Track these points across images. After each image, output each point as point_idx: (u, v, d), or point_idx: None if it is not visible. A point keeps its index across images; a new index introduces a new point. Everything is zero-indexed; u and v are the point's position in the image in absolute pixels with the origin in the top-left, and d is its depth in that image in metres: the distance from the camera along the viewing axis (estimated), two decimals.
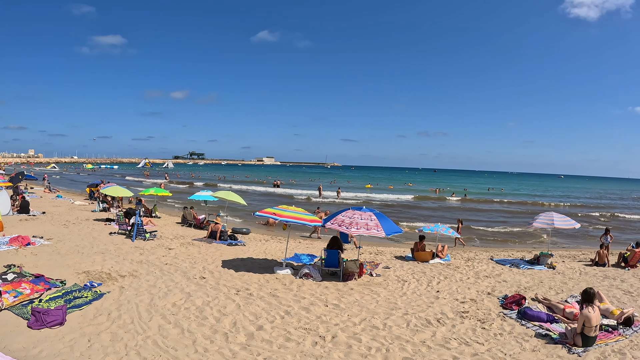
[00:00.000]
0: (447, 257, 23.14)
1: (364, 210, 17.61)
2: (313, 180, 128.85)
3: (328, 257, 17.84)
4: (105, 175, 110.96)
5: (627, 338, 11.86)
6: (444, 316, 13.08)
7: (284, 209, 18.19)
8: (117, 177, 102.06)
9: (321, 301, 14.02)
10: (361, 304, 14.01)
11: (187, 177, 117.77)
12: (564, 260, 24.71)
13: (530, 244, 33.33)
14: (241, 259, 20.08)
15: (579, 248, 31.90)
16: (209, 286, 14.89)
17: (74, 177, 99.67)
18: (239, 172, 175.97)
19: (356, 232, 16.39)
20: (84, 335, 9.97)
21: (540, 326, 12.50)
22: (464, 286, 17.17)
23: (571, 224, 24.33)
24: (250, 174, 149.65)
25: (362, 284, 16.63)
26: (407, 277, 18.43)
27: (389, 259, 22.73)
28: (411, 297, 15.12)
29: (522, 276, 19.88)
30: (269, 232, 31.59)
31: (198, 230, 29.17)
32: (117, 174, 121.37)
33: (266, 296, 14.18)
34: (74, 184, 76.94)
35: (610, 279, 20.19)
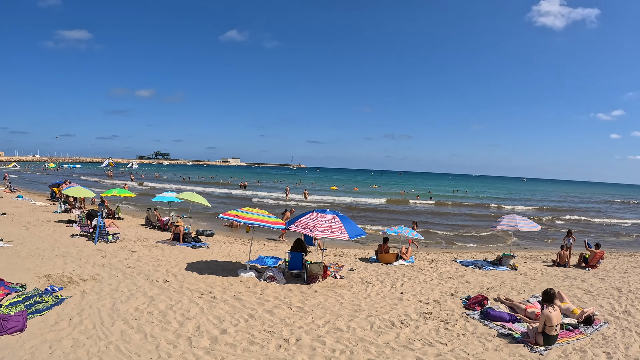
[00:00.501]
0: (411, 258, 23.30)
1: (327, 212, 17.66)
2: (278, 181, 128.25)
3: (292, 260, 17.81)
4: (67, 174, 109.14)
5: (587, 336, 12.16)
6: (407, 317, 13.18)
7: (248, 211, 18.08)
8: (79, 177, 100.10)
9: (285, 304, 14.00)
10: (325, 306, 14.03)
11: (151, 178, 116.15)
12: (526, 261, 25.09)
13: (494, 245, 33.72)
14: (205, 262, 19.90)
15: (541, 249, 32.41)
16: (172, 289, 14.73)
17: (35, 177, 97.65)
18: (204, 172, 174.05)
19: (320, 235, 16.44)
20: (45, 341, 9.81)
21: (502, 326, 12.69)
22: (428, 287, 17.31)
23: (533, 226, 24.82)
24: (216, 175, 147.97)
25: (326, 287, 16.65)
26: (371, 279, 18.50)
27: (353, 261, 22.80)
28: (375, 299, 15.19)
29: (485, 277, 20.14)
30: (233, 234, 31.39)
31: (162, 232, 28.82)
32: (79, 174, 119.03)
33: (230, 299, 14.09)
34: (35, 184, 75.34)
35: (571, 279, 20.58)
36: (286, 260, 18.14)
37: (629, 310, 15.08)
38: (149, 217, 31.71)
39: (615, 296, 17.14)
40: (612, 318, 14.08)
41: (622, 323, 13.56)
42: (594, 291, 17.94)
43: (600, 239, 37.93)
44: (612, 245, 37.94)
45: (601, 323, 13.40)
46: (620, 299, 16.63)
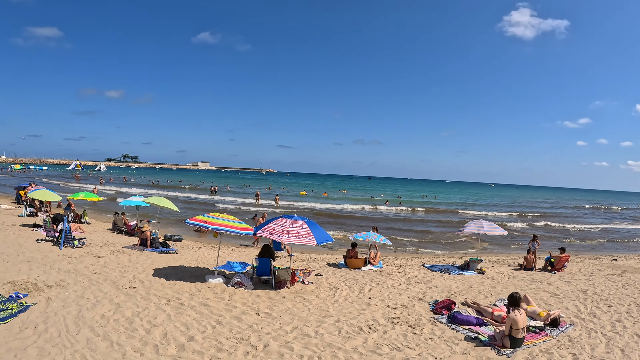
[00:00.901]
0: (379, 263, 23.38)
1: (295, 218, 17.60)
2: (248, 186, 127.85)
3: (260, 265, 17.72)
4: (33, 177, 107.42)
5: (554, 338, 12.34)
6: (375, 322, 13.18)
7: (215, 217, 17.97)
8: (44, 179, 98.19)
9: (253, 310, 13.90)
10: (293, 312, 13.97)
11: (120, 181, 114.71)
12: (493, 265, 25.36)
13: (462, 250, 34.00)
14: (172, 267, 19.70)
15: (508, 253, 32.78)
16: (139, 296, 14.51)
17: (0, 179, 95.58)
18: (174, 176, 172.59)
19: (287, 241, 16.39)
20: (10, 350, 9.62)
21: (469, 329, 12.78)
22: (396, 292, 17.36)
23: (500, 230, 25.13)
24: (185, 179, 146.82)
25: (294, 292, 16.60)
26: (339, 284, 18.51)
27: (322, 266, 22.81)
28: (343, 304, 15.18)
29: (453, 281, 20.28)
30: (201, 240, 31.17)
31: (129, 237, 28.51)
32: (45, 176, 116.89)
33: (197, 306, 13.94)
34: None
35: (538, 282, 20.85)
36: (254, 266, 18.06)
37: (594, 312, 15.31)
38: (116, 222, 31.34)
39: (581, 298, 17.38)
40: (578, 320, 14.27)
41: (587, 324, 13.76)
42: (559, 294, 18.18)
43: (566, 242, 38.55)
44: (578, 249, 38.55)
45: (567, 325, 13.56)
46: (586, 301, 16.88)
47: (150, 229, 25.44)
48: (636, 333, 12.99)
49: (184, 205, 55.92)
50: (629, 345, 11.87)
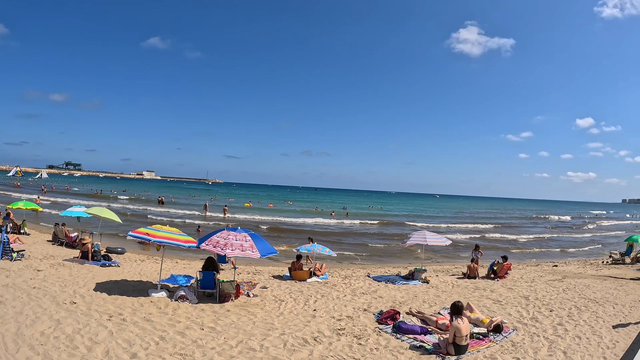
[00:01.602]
0: (324, 275, 23.30)
1: (239, 230, 17.36)
2: (194, 196, 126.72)
3: (204, 279, 17.37)
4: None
5: (497, 344, 12.50)
6: (320, 334, 13.05)
7: (158, 229, 17.54)
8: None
9: (197, 324, 13.58)
10: (238, 325, 13.71)
11: (62, 190, 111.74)
12: (438, 275, 25.59)
13: (406, 260, 34.23)
14: (115, 281, 19.10)
15: (452, 263, 33.21)
16: (80, 312, 13.97)
17: None
18: (118, 185, 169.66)
19: (231, 254, 16.14)
20: None
21: (414, 338, 12.80)
22: (341, 304, 17.30)
23: (442, 240, 25.37)
24: (129, 189, 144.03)
25: (239, 305, 16.33)
26: (284, 296, 18.34)
27: (267, 278, 22.58)
28: (288, 317, 15.01)
29: (398, 291, 20.33)
30: (145, 252, 30.54)
31: (70, 250, 27.52)
32: None
33: (140, 321, 13.51)
34: None
35: (481, 289, 21.12)
36: (198, 279, 17.72)
37: (536, 316, 15.62)
38: (56, 233, 30.29)
39: (523, 304, 17.71)
40: (521, 325, 14.52)
41: (530, 329, 14.02)
42: (502, 300, 18.46)
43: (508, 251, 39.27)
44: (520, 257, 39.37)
45: (510, 330, 13.78)
46: (528, 307, 17.21)
47: (91, 241, 24.74)
48: (577, 335, 13.33)
49: (128, 216, 54.82)
50: (570, 347, 12.17)
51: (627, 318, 15.71)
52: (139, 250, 31.33)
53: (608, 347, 12.30)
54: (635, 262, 33.08)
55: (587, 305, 17.52)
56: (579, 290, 20.90)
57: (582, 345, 12.38)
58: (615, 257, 35.36)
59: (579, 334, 13.50)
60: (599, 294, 20.15)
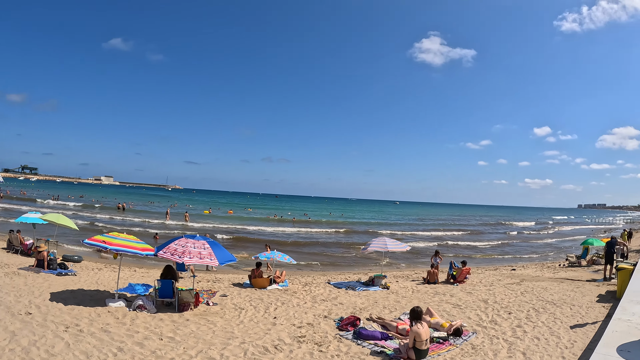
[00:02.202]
0: (284, 282, 23.16)
1: (197, 238, 17.14)
2: (153, 203, 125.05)
3: (162, 287, 17.07)
4: None
5: (457, 347, 12.62)
6: (281, 342, 12.93)
7: (115, 236, 17.19)
8: None
9: (156, 335, 13.29)
10: (197, 335, 13.48)
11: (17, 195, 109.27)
12: (398, 280, 25.67)
13: (366, 266, 34.30)
14: (71, 291, 18.57)
15: (412, 268, 33.38)
16: (36, 323, 13.50)
17: None
18: (75, 191, 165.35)
19: (189, 262, 15.94)
20: None
21: (375, 344, 12.79)
22: (301, 311, 17.20)
23: (402, 246, 25.57)
24: (87, 194, 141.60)
25: (199, 314, 16.08)
26: (244, 304, 18.13)
27: (227, 286, 22.33)
28: (248, 325, 14.83)
29: (358, 298, 20.32)
30: (102, 260, 29.88)
31: (25, 258, 26.76)
32: None
33: (97, 332, 13.13)
34: None
35: (441, 294, 21.25)
36: (156, 288, 17.40)
37: (495, 319, 15.80)
38: (11, 240, 29.46)
39: (482, 307, 17.91)
40: (480, 328, 14.68)
41: (489, 332, 14.19)
42: (462, 304, 18.60)
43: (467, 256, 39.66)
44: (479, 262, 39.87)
45: (470, 333, 13.90)
46: (487, 310, 17.41)
47: (47, 249, 24.16)
48: (536, 336, 13.56)
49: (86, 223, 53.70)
50: (529, 348, 12.37)
51: (584, 318, 16.00)
52: (96, 258, 30.68)
53: (566, 347, 12.50)
54: (591, 264, 33.78)
55: (545, 307, 17.79)
56: (537, 293, 21.20)
57: (541, 346, 12.57)
58: (571, 260, 36.17)
59: (537, 335, 13.71)
60: (556, 295, 20.47)
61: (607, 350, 8.62)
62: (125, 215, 75.47)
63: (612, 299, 19.38)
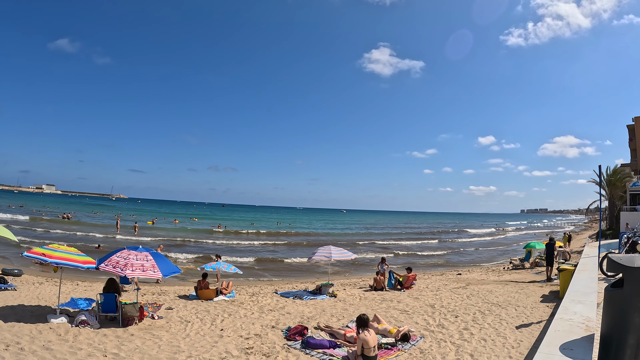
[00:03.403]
0: (231, 293, 22.93)
1: (140, 250, 16.81)
2: (97, 213, 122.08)
3: (105, 302, 16.61)
4: None
5: (405, 352, 12.68)
6: (228, 355, 12.77)
7: (55, 249, 16.64)
8: None
9: (99, 351, 12.86)
10: (142, 350, 13.15)
11: None
12: (345, 288, 25.72)
13: (313, 275, 34.30)
14: (11, 307, 17.81)
15: (359, 276, 33.54)
16: None
17: None
18: (15, 200, 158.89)
19: (131, 274, 15.61)
20: None
21: (323, 353, 12.77)
22: (249, 322, 17.02)
23: (348, 255, 25.79)
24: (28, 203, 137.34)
25: (144, 329, 15.70)
26: (190, 317, 17.82)
27: (172, 298, 21.94)
28: (195, 338, 14.58)
29: (306, 307, 20.26)
30: (44, 274, 28.84)
31: None
32: None
33: (39, 350, 12.61)
34: None
35: (388, 301, 21.37)
36: (99, 303, 16.94)
37: (442, 323, 15.99)
38: None
39: (429, 312, 18.09)
40: (428, 332, 14.81)
41: (437, 335, 14.33)
42: (409, 310, 18.74)
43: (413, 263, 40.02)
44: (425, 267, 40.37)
45: (418, 338, 14.01)
46: (434, 314, 17.60)
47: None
48: (483, 338, 13.79)
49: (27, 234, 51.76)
50: (477, 349, 12.57)
51: (529, 318, 16.37)
52: (37, 272, 29.64)
53: (513, 347, 12.74)
54: (534, 266, 34.56)
55: (490, 309, 18.07)
56: (482, 296, 21.54)
57: (488, 347, 12.77)
58: (515, 263, 37.04)
59: (484, 336, 13.92)
60: (501, 297, 20.84)
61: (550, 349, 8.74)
62: (67, 225, 72.98)
63: (555, 299, 19.83)
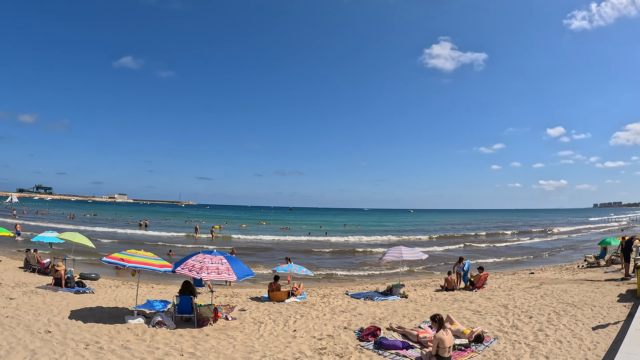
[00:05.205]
0: (303, 295, 23.13)
1: (214, 253, 17.14)
2: (168, 219, 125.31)
3: (180, 303, 17.06)
4: None
5: (479, 353, 12.52)
6: (302, 355, 12.90)
7: (133, 254, 17.24)
8: None
9: (176, 350, 13.26)
10: (218, 350, 13.46)
11: (33, 214, 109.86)
12: (416, 289, 25.56)
13: (384, 276, 34.18)
14: (90, 309, 18.59)
15: (430, 276, 33.22)
16: (56, 341, 13.48)
17: None
18: (90, 209, 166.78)
19: (207, 277, 15.93)
20: None
21: (396, 354, 12.74)
22: (321, 323, 17.16)
23: (419, 255, 25.46)
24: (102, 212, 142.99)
25: (218, 329, 16.08)
26: (263, 318, 18.13)
27: (245, 300, 22.32)
28: (268, 339, 14.81)
29: (377, 308, 20.25)
30: (119, 277, 29.94)
31: (43, 276, 26.97)
32: None
33: (118, 349, 13.12)
34: None
35: (460, 301, 21.13)
36: (175, 304, 17.41)
37: (516, 324, 15.66)
38: (28, 259, 29.56)
39: (503, 313, 17.76)
40: (501, 333, 14.56)
41: (511, 337, 14.07)
42: (481, 310, 18.49)
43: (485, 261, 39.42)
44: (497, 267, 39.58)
45: (491, 339, 13.80)
46: (507, 315, 17.27)
47: (64, 268, 24.22)
48: (558, 340, 13.44)
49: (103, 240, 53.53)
50: (552, 352, 12.25)
51: (606, 319, 15.85)
52: (113, 275, 30.68)
53: (589, 349, 12.39)
54: (610, 264, 33.47)
55: (565, 310, 17.62)
56: (557, 296, 21.02)
57: (564, 349, 12.46)
58: (590, 260, 35.85)
59: (559, 338, 13.59)
60: (576, 297, 20.27)
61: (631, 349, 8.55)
62: (141, 231, 75.22)
63: (632, 298, 19.24)
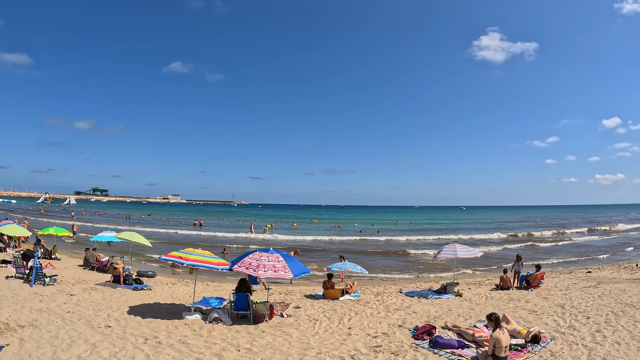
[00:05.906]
0: (356, 293, 23.22)
1: (271, 251, 17.38)
2: (221, 218, 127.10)
3: (237, 300, 17.39)
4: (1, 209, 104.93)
5: (536, 354, 12.40)
6: (357, 352, 13.02)
7: (190, 252, 17.59)
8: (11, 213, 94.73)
9: (233, 346, 13.57)
10: (274, 346, 13.71)
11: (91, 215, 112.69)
12: (470, 287, 25.35)
13: (438, 274, 33.99)
14: (147, 305, 19.15)
15: (484, 275, 32.87)
16: (115, 335, 13.97)
17: None
18: (145, 210, 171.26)
19: (264, 275, 16.18)
20: None
21: (452, 353, 12.75)
22: (375, 321, 17.24)
23: (473, 252, 25.19)
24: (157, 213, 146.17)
25: (274, 326, 16.36)
26: (318, 315, 18.32)
27: (299, 298, 22.58)
28: (323, 336, 15.00)
29: (431, 306, 20.22)
30: (175, 275, 30.66)
31: (101, 274, 27.84)
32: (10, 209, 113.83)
33: (176, 344, 13.50)
34: None
35: (515, 300, 20.90)
36: (231, 301, 17.74)
37: (573, 325, 15.41)
38: (87, 258, 30.56)
39: (559, 313, 17.49)
40: (558, 334, 14.35)
41: (568, 338, 13.85)
42: (538, 310, 18.25)
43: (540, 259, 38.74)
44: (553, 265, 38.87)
45: (548, 340, 13.63)
46: (564, 315, 16.99)
47: (123, 265, 24.91)
48: (616, 341, 13.14)
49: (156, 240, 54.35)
50: (610, 353, 12.01)
51: None
52: (169, 273, 31.45)
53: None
54: None
55: (624, 310, 17.19)
56: (615, 295, 20.52)
57: (622, 351, 12.20)
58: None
59: (617, 339, 13.30)
60: (635, 297, 19.74)
61: None
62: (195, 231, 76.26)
63: None
